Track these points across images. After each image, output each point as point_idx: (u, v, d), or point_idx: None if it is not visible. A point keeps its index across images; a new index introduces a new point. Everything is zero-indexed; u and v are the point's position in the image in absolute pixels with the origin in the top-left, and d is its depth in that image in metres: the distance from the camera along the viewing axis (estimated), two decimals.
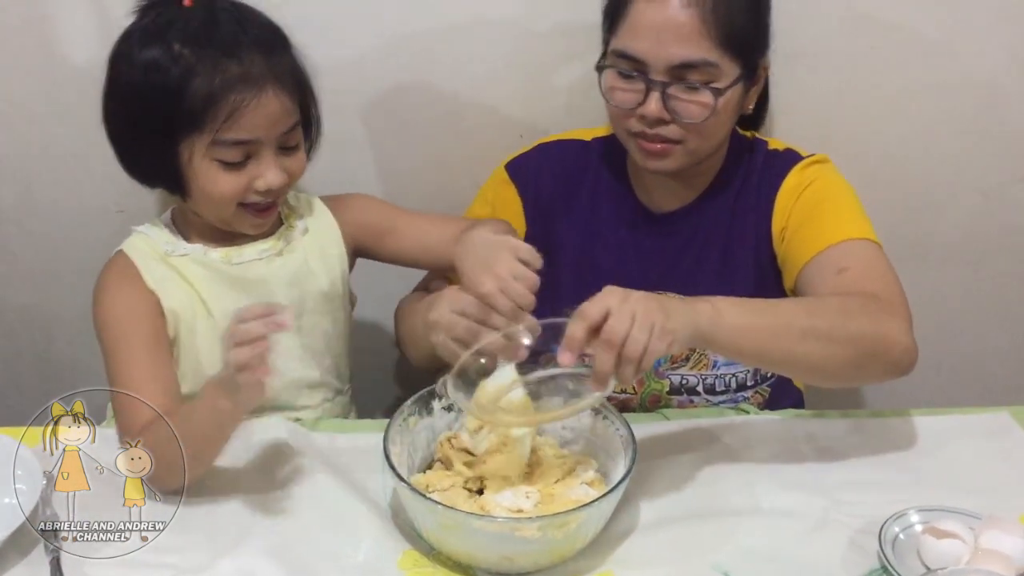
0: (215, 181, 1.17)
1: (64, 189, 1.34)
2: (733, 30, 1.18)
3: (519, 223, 1.36)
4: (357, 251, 1.38)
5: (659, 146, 1.22)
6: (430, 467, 1.14)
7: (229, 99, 1.12)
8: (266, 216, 1.24)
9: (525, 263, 1.08)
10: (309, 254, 1.30)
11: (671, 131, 1.21)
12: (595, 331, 0.99)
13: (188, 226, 1.28)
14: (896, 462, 1.19)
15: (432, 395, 1.15)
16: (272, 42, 1.18)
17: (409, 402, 1.13)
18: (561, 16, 1.44)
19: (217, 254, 1.26)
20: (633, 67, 1.20)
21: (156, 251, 1.25)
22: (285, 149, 1.20)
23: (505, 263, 1.07)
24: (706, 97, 1.19)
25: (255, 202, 1.20)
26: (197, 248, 1.25)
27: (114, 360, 1.18)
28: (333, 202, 1.37)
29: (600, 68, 1.24)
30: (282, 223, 1.31)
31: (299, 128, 1.21)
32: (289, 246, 1.29)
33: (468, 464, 1.11)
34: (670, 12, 1.16)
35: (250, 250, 1.27)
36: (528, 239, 1.34)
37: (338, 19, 1.43)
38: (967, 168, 1.60)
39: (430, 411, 1.15)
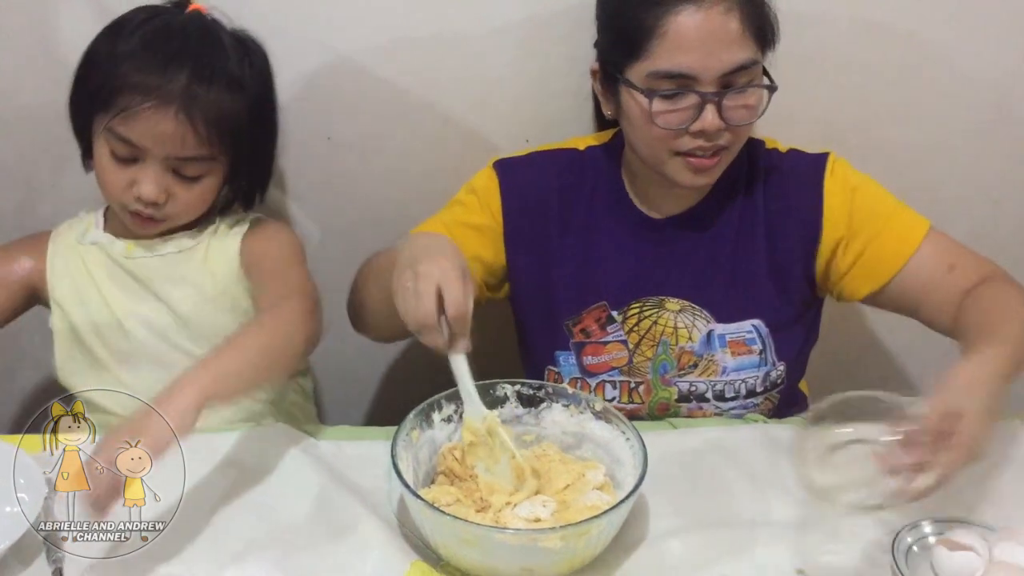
0: (104, 167, 1.22)
1: (66, 192, 1.34)
2: (764, 22, 1.19)
3: (497, 219, 1.33)
4: None
5: (711, 160, 1.21)
6: (433, 481, 1.13)
7: (128, 97, 1.17)
8: (147, 224, 1.26)
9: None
10: (209, 255, 1.31)
11: (725, 138, 1.21)
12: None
13: (115, 216, 1.32)
14: None
15: (432, 407, 1.14)
16: (211, 76, 1.19)
17: (412, 415, 1.12)
18: (566, 22, 1.43)
19: (120, 246, 1.30)
20: (679, 84, 1.18)
21: (75, 237, 1.32)
22: (180, 175, 1.22)
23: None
24: (754, 97, 1.20)
25: (137, 210, 1.23)
26: (105, 238, 1.31)
27: None
28: (259, 221, 1.35)
29: (649, 96, 1.19)
30: (195, 225, 1.32)
31: (203, 164, 1.22)
32: (193, 245, 1.30)
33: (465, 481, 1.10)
34: (714, 21, 1.15)
35: (154, 248, 1.29)
36: (510, 244, 1.34)
37: (345, 22, 1.42)
38: (978, 174, 1.59)
39: (431, 423, 1.14)
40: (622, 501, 1.00)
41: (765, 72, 1.23)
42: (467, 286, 1.05)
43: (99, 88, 1.20)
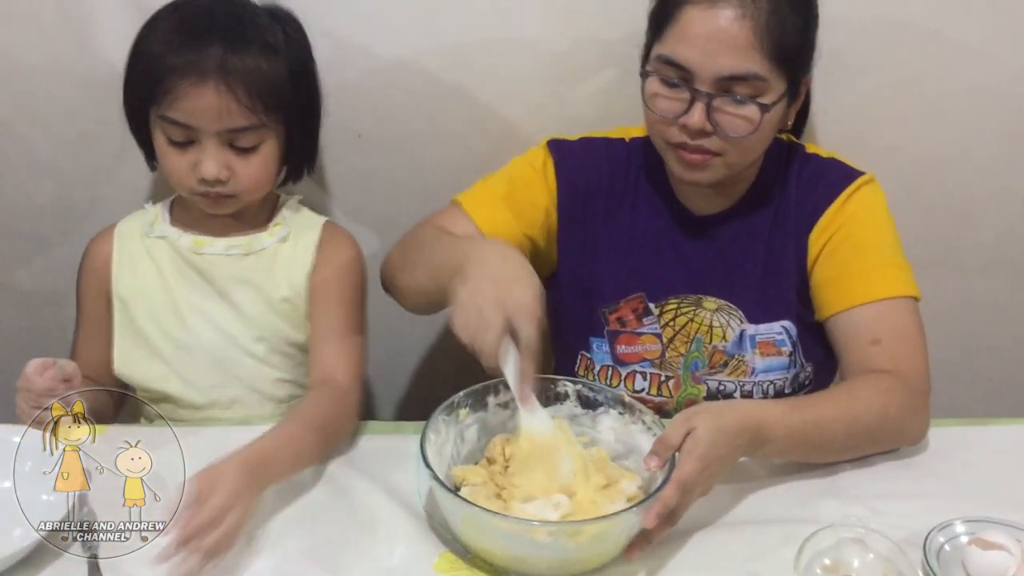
0: (165, 155, 1.24)
1: (101, 186, 1.35)
2: (784, 45, 1.16)
3: (552, 196, 1.34)
4: None
5: (699, 157, 1.20)
6: (476, 462, 1.13)
7: (169, 81, 1.19)
8: (217, 203, 1.26)
9: None
10: (278, 262, 1.33)
11: (712, 143, 1.19)
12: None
13: (182, 210, 1.34)
14: (937, 473, 1.18)
15: (488, 390, 1.14)
16: (243, 44, 1.20)
17: (462, 393, 1.13)
18: (591, 24, 1.45)
19: (188, 240, 1.31)
20: (679, 75, 1.18)
21: (140, 228, 1.33)
22: (237, 148, 1.23)
23: None
24: (751, 111, 1.17)
25: (205, 191, 1.24)
26: (173, 231, 1.32)
27: (77, 322, 1.35)
28: (331, 233, 1.36)
29: (644, 74, 1.22)
30: (264, 226, 1.34)
31: (255, 133, 1.23)
32: (260, 250, 1.32)
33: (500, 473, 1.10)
34: (722, 22, 1.14)
35: (220, 243, 1.32)
36: (562, 222, 1.35)
37: (376, 25, 1.45)
38: (1006, 175, 1.58)
39: (484, 406, 1.14)
40: (618, 512, 1.00)
41: (789, 95, 1.20)
42: (541, 320, 1.05)
43: (144, 82, 1.22)
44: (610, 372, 1.34)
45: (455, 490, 1.04)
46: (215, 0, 1.24)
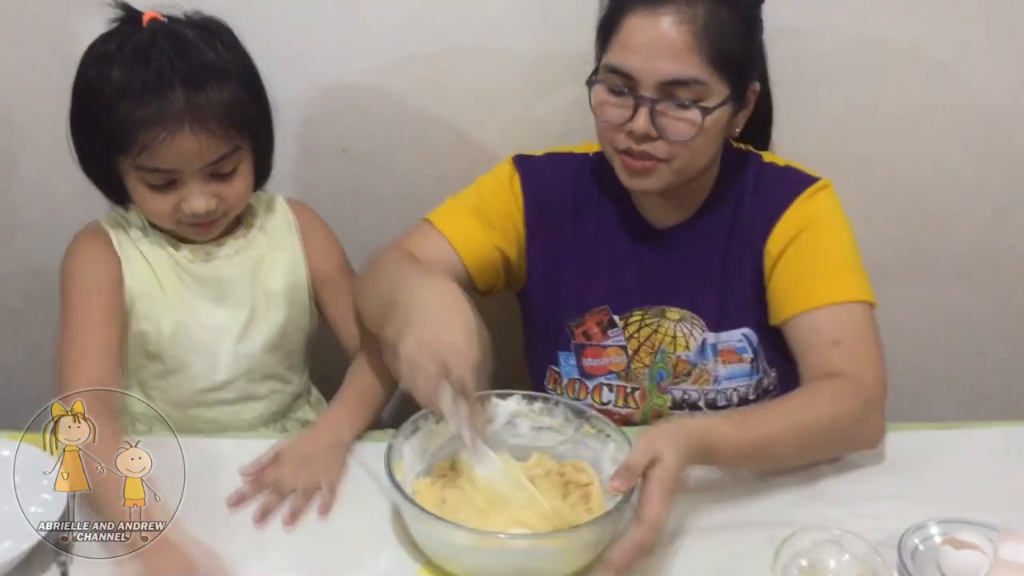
0: (145, 199, 1.24)
1: (89, 206, 1.36)
2: (724, 50, 1.18)
3: (519, 209, 1.35)
4: None
5: (641, 164, 1.22)
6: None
7: (142, 134, 1.17)
8: (207, 230, 1.29)
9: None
10: (267, 249, 1.36)
11: (657, 148, 1.21)
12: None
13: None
14: (914, 475, 1.20)
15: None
16: (202, 78, 1.19)
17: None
18: (573, 36, 1.43)
19: (184, 252, 1.32)
20: (623, 83, 1.20)
21: (128, 229, 1.32)
22: (217, 176, 1.24)
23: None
24: (694, 115, 1.18)
25: (193, 223, 1.26)
26: (164, 240, 1.32)
27: (71, 316, 1.25)
28: (299, 209, 1.41)
29: (591, 83, 1.24)
30: (240, 224, 1.36)
31: (234, 157, 1.23)
32: (247, 244, 1.35)
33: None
34: (662, 29, 1.16)
35: (214, 252, 1.33)
36: (529, 236, 1.36)
37: (359, 40, 1.47)
38: (977, 186, 1.62)
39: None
40: (539, 535, 1.03)
41: (734, 100, 1.21)
42: (477, 360, 1.06)
43: (110, 133, 1.19)
44: (577, 386, 1.36)
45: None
46: (154, 34, 1.20)
